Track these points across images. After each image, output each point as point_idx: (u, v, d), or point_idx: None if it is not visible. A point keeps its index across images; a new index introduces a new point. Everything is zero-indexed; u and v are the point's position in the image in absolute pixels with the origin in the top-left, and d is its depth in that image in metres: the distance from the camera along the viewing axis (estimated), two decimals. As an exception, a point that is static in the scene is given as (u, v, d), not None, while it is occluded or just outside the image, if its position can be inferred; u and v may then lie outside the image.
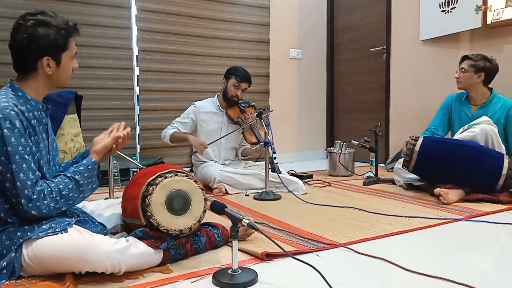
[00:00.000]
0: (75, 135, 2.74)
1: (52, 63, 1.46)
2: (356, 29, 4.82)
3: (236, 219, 1.38)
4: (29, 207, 1.34)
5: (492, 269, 1.55)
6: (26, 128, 1.38)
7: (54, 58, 1.46)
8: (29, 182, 1.35)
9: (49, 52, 1.44)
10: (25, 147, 1.36)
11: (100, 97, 3.72)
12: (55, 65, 1.47)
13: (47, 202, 1.37)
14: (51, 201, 1.38)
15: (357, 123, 4.84)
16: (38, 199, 1.35)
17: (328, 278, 1.29)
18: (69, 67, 1.52)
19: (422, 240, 1.86)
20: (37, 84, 1.47)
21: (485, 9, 3.29)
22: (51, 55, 1.45)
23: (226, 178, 2.98)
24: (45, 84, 1.49)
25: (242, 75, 3.20)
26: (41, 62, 1.44)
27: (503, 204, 2.43)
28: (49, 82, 1.50)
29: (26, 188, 1.34)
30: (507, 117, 2.89)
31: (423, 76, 3.98)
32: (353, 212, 2.34)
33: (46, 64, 1.45)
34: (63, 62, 1.49)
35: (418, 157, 2.66)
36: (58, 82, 1.52)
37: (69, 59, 1.51)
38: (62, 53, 1.47)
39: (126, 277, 1.40)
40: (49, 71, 1.46)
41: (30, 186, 1.35)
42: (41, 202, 1.36)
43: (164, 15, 3.99)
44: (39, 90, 1.48)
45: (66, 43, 1.48)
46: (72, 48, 1.51)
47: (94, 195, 2.90)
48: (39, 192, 1.36)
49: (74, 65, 1.55)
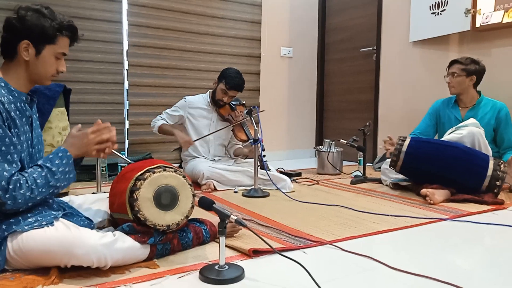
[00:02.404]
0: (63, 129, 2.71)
1: (32, 50, 1.42)
2: (347, 30, 4.84)
3: (224, 215, 1.38)
4: (5, 198, 1.30)
5: (475, 268, 1.58)
6: (5, 119, 1.34)
7: (35, 46, 1.42)
8: (5, 173, 1.30)
9: (32, 37, 1.41)
10: (2, 138, 1.32)
11: (89, 91, 3.69)
12: (34, 54, 1.43)
13: (22, 191, 1.32)
14: (27, 190, 1.33)
15: (346, 123, 4.87)
16: (14, 189, 1.30)
17: (315, 275, 1.30)
18: (50, 63, 1.47)
19: (408, 239, 1.88)
20: (18, 73, 1.44)
21: (474, 12, 3.33)
22: (33, 41, 1.42)
23: (215, 175, 2.98)
24: (25, 74, 1.45)
25: (232, 83, 3.10)
26: (21, 45, 1.41)
27: (488, 204, 2.46)
28: (28, 73, 1.45)
29: (2, 180, 1.29)
30: (497, 119, 2.93)
31: (412, 77, 4.02)
32: (340, 211, 2.35)
33: (24, 48, 1.41)
34: (44, 53, 1.45)
35: (405, 157, 2.68)
36: (36, 75, 1.47)
37: (52, 54, 1.46)
38: (45, 44, 1.44)
39: (112, 272, 1.39)
40: (26, 57, 1.42)
41: (6, 177, 1.30)
42: (17, 192, 1.31)
43: (156, 10, 3.97)
44: (20, 79, 1.45)
45: (54, 37, 1.44)
46: (60, 45, 1.47)
47: (81, 190, 2.89)
48: (14, 182, 1.31)
49: (60, 67, 1.50)
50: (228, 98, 3.17)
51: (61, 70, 1.51)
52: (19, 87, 1.45)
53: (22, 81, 1.46)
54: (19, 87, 1.45)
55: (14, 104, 1.41)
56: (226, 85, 3.11)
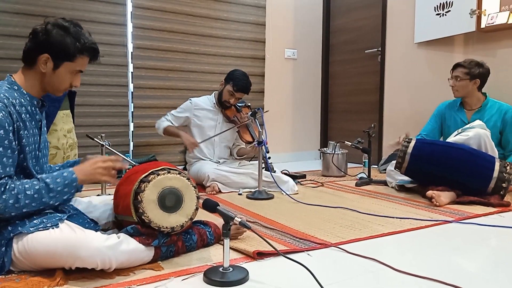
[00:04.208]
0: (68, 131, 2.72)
1: (50, 63, 1.46)
2: (351, 31, 4.83)
3: (228, 218, 1.38)
4: None
5: (481, 270, 1.57)
6: (15, 121, 1.36)
7: (54, 60, 1.46)
8: None
9: (52, 53, 1.44)
10: (3, 140, 1.32)
11: (94, 93, 3.70)
12: (52, 67, 1.46)
13: (5, 197, 1.30)
14: (10, 197, 1.30)
15: (350, 124, 4.86)
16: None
17: (319, 278, 1.30)
18: (66, 79, 1.51)
19: (413, 241, 1.87)
20: (33, 80, 1.48)
21: (479, 13, 3.31)
22: (53, 56, 1.45)
23: (220, 177, 2.97)
24: (40, 83, 1.49)
25: (240, 85, 3.10)
26: (41, 57, 1.44)
27: (494, 207, 2.45)
28: (43, 83, 1.49)
29: None
30: (503, 121, 2.91)
31: (417, 79, 4.01)
32: (345, 213, 2.34)
33: (43, 61, 1.45)
34: (61, 69, 1.48)
35: (410, 159, 2.67)
36: (50, 86, 1.51)
37: (68, 71, 1.49)
38: (64, 61, 1.47)
39: (117, 274, 1.39)
40: (44, 69, 1.46)
41: None
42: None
43: (160, 13, 3.98)
44: (35, 86, 1.49)
45: (74, 55, 1.47)
46: (78, 64, 1.50)
47: (87, 192, 2.90)
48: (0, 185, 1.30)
49: (74, 82, 1.54)
50: (234, 100, 3.17)
51: (75, 85, 1.55)
52: (32, 92, 1.49)
53: (36, 88, 1.50)
54: (32, 92, 1.49)
55: (25, 107, 1.44)
56: (234, 87, 3.11)
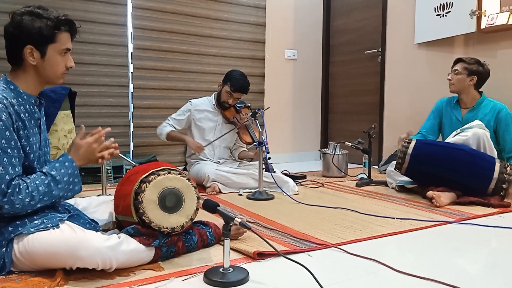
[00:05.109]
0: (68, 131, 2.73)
1: (36, 53, 1.43)
2: (351, 31, 4.83)
3: (229, 218, 1.38)
4: (3, 202, 1.29)
5: (481, 271, 1.57)
6: (15, 121, 1.36)
7: (38, 49, 1.43)
8: (7, 177, 1.30)
9: (33, 42, 1.41)
10: (9, 141, 1.33)
11: (94, 93, 3.70)
12: (40, 56, 1.44)
13: (22, 196, 1.32)
14: (26, 196, 1.33)
15: (351, 125, 4.86)
16: (12, 193, 1.30)
17: (319, 278, 1.30)
18: (57, 62, 1.47)
19: (413, 242, 1.87)
20: (27, 77, 1.45)
21: (479, 14, 3.31)
22: (35, 44, 1.42)
23: (220, 177, 2.98)
24: (34, 77, 1.46)
25: (237, 85, 3.10)
26: (25, 51, 1.41)
27: (494, 207, 2.44)
28: (38, 76, 1.46)
29: (2, 183, 1.29)
30: (497, 120, 2.91)
31: (417, 79, 4.01)
32: (345, 213, 2.34)
33: (29, 54, 1.42)
34: (49, 54, 1.45)
35: (410, 159, 2.67)
36: (46, 76, 1.47)
37: (56, 53, 1.46)
38: (47, 45, 1.44)
39: (117, 274, 1.39)
40: (33, 61, 1.43)
41: (6, 181, 1.30)
42: (15, 197, 1.31)
43: (160, 13, 3.98)
44: (30, 83, 1.46)
45: (53, 35, 1.44)
46: (61, 42, 1.46)
47: (87, 192, 2.90)
48: (14, 187, 1.31)
49: (68, 63, 1.50)
50: (233, 100, 3.17)
51: (69, 66, 1.51)
52: (28, 91, 1.46)
53: (31, 85, 1.47)
54: (29, 91, 1.46)
55: (23, 106, 1.42)
56: (231, 87, 3.11)
